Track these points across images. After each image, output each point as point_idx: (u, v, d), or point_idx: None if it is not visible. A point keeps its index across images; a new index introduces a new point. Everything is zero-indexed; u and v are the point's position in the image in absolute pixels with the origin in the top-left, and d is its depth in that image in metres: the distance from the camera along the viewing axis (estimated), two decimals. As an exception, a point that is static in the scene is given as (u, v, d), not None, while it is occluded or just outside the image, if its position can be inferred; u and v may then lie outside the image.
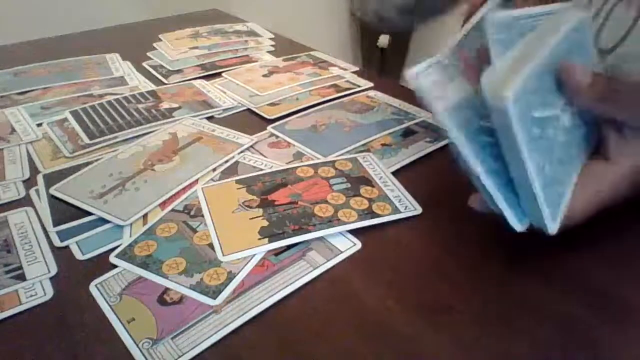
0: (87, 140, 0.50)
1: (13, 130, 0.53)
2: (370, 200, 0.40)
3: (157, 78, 0.67)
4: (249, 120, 0.55)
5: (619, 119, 0.31)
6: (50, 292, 0.33)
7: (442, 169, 0.45)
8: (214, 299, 0.31)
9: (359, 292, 0.32)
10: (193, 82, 0.65)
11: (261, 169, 0.45)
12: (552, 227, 0.29)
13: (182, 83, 0.65)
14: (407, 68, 0.30)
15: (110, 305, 0.31)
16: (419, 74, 0.31)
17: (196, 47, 0.76)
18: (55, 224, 0.38)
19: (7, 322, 0.31)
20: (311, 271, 0.33)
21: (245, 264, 0.34)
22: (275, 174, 0.43)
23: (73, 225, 0.38)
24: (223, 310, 0.31)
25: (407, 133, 0.50)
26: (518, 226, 0.29)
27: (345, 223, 0.37)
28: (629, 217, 0.35)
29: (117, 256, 0.35)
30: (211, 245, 0.36)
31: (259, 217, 0.38)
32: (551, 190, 0.29)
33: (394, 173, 0.44)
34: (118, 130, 0.52)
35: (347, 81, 0.63)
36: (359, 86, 0.62)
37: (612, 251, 0.34)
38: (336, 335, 0.29)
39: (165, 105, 0.58)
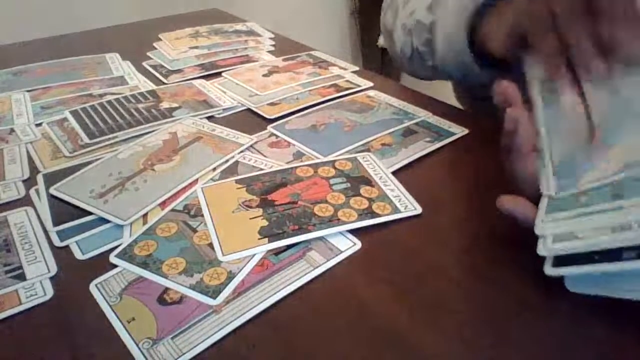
0: (87, 140, 0.50)
1: (12, 130, 0.53)
2: (370, 200, 0.40)
3: (157, 78, 0.67)
4: (249, 120, 0.55)
5: None
6: (50, 292, 0.33)
7: (442, 169, 0.45)
8: (214, 298, 0.31)
9: (358, 291, 0.32)
10: (193, 82, 0.65)
11: (261, 169, 0.45)
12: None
13: (182, 83, 0.65)
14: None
15: (110, 305, 0.31)
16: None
17: (196, 47, 0.76)
18: (55, 224, 0.38)
19: (7, 322, 0.31)
20: (311, 271, 0.33)
21: (245, 264, 0.34)
22: (275, 174, 0.43)
23: (73, 225, 0.38)
24: (223, 310, 0.31)
25: (407, 133, 0.50)
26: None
27: (345, 223, 0.37)
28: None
29: (117, 256, 0.35)
30: (211, 245, 0.36)
31: (259, 217, 0.38)
32: None
33: (394, 173, 0.44)
34: (118, 130, 0.52)
35: (347, 81, 0.63)
36: (359, 86, 0.62)
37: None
38: (336, 335, 0.29)
39: (165, 105, 0.58)
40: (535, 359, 0.28)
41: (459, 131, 0.50)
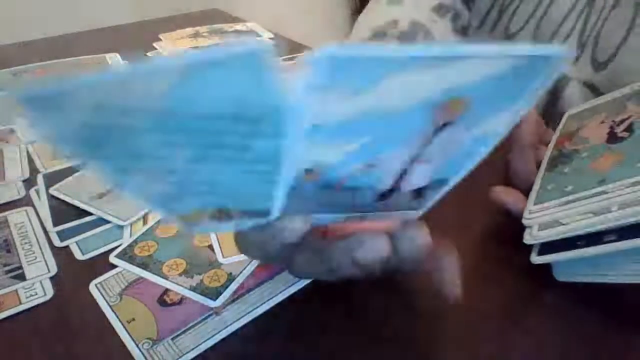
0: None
1: (12, 130, 0.53)
2: (370, 201, 0.40)
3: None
4: (249, 121, 0.55)
5: None
6: (50, 292, 0.33)
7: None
8: (214, 300, 0.31)
9: (359, 293, 0.32)
10: (193, 82, 0.65)
11: (261, 170, 0.45)
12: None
13: (182, 83, 0.65)
14: None
15: (110, 306, 0.31)
16: None
17: (196, 47, 0.76)
18: (55, 224, 0.38)
19: (7, 322, 0.31)
20: (311, 272, 0.33)
21: (246, 266, 0.34)
22: (276, 175, 0.43)
23: (73, 225, 0.38)
24: (223, 311, 0.31)
25: (407, 134, 0.50)
26: None
27: (345, 224, 0.37)
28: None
29: (117, 256, 0.35)
30: (211, 247, 0.36)
31: (259, 217, 0.38)
32: None
33: (394, 174, 0.44)
34: (118, 131, 0.52)
35: (347, 82, 0.63)
36: (359, 87, 0.62)
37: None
38: (336, 336, 0.29)
39: (165, 105, 0.58)
40: (531, 357, 0.28)
41: (459, 132, 0.50)
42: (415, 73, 0.16)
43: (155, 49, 0.77)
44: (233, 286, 0.32)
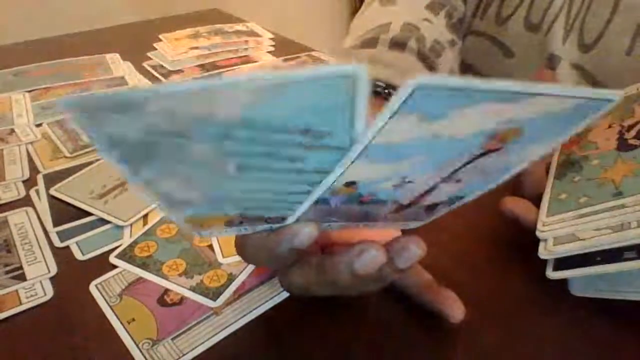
0: (87, 141, 0.50)
1: (12, 130, 0.53)
2: (370, 201, 0.40)
3: (157, 78, 0.67)
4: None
5: None
6: (50, 292, 0.33)
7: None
8: (214, 300, 0.31)
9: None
10: (193, 82, 0.65)
11: (261, 170, 0.44)
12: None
13: (182, 83, 0.65)
14: None
15: (110, 306, 0.31)
16: None
17: (196, 47, 0.76)
18: (55, 224, 0.38)
19: (7, 322, 0.31)
20: (311, 272, 0.33)
21: (246, 266, 0.34)
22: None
23: (73, 226, 0.38)
24: (223, 311, 0.31)
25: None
26: None
27: (345, 224, 0.37)
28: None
29: (117, 256, 0.35)
30: (211, 247, 0.36)
31: (259, 218, 0.38)
32: None
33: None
34: (118, 131, 0.52)
35: (347, 82, 0.63)
36: (359, 87, 0.62)
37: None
38: (337, 338, 0.29)
39: (165, 105, 0.58)
40: (535, 359, 0.28)
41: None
42: (486, 105, 0.17)
43: (155, 49, 0.77)
44: (233, 286, 0.32)
